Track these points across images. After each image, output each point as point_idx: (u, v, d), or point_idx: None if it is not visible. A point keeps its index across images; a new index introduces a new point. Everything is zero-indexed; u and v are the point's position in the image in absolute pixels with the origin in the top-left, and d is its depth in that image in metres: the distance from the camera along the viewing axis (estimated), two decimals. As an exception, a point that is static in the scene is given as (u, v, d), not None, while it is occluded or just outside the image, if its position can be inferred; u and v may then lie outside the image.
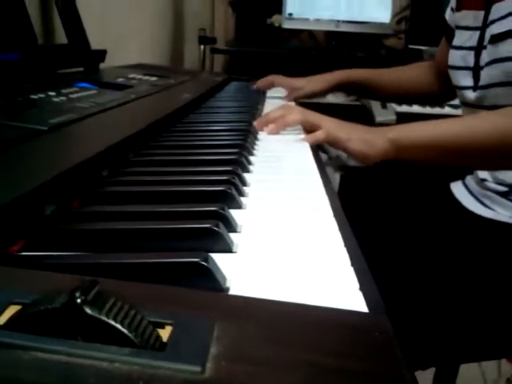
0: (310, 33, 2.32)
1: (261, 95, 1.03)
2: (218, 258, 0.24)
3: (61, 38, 1.03)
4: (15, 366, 0.14)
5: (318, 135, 0.62)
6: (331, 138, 0.63)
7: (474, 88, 0.81)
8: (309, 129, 0.66)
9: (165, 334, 0.16)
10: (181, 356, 0.14)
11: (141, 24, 1.72)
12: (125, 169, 0.42)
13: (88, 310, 0.14)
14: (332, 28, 2.20)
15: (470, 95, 0.82)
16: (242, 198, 0.35)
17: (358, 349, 0.14)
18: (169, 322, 0.16)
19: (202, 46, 2.21)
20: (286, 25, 2.17)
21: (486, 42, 0.78)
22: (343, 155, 2.09)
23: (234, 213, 0.31)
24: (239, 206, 0.33)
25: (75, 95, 0.64)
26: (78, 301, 0.14)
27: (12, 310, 0.16)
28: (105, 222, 0.28)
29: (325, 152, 2.12)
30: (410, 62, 2.11)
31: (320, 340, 0.15)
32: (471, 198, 0.81)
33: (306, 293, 0.22)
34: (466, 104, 0.85)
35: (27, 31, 0.84)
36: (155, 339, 0.15)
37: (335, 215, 0.31)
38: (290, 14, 2.16)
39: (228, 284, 0.22)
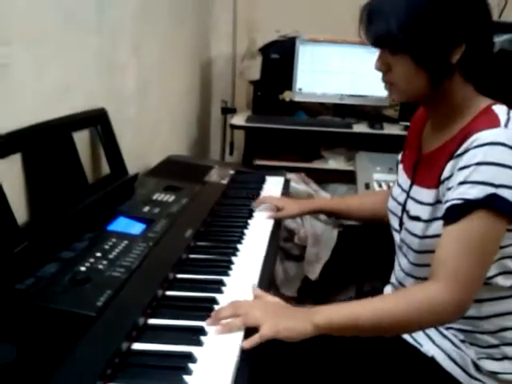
0: (320, 101, 2.64)
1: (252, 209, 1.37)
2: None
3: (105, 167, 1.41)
4: None
5: (255, 340, 0.79)
6: (264, 339, 0.80)
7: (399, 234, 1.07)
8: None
9: None
10: None
11: (173, 108, 2.10)
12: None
13: None
14: (337, 101, 2.53)
15: (397, 238, 1.09)
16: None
17: None
18: None
19: (224, 116, 2.58)
20: (297, 98, 2.52)
21: (407, 208, 1.05)
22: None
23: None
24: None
25: (113, 254, 1.00)
26: None
27: None
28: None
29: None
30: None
31: None
32: None
33: None
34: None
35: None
36: None
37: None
38: (300, 89, 2.50)
39: None
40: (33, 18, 1.05)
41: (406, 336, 1.04)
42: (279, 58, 2.43)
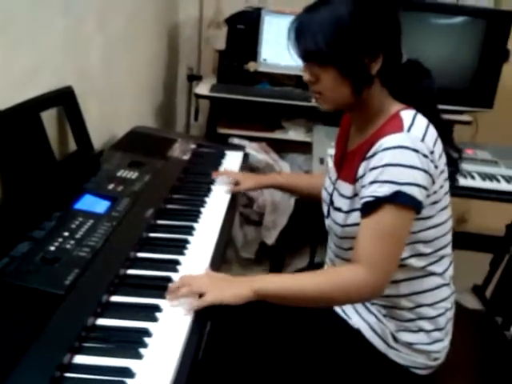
0: (284, 70, 2.72)
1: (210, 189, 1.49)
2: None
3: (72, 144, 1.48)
4: None
5: (202, 302, 0.95)
6: (205, 303, 0.95)
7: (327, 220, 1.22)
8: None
9: None
10: None
11: (139, 75, 2.15)
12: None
13: None
14: (299, 72, 2.59)
15: (326, 224, 1.24)
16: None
17: None
18: None
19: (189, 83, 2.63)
20: (261, 68, 2.59)
21: (333, 198, 1.18)
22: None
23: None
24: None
25: (79, 233, 1.11)
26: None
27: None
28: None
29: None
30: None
31: None
32: None
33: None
34: None
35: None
36: None
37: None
38: (265, 60, 2.57)
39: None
40: (1, 3, 1.10)
41: (338, 310, 1.20)
42: (245, 29, 2.48)
